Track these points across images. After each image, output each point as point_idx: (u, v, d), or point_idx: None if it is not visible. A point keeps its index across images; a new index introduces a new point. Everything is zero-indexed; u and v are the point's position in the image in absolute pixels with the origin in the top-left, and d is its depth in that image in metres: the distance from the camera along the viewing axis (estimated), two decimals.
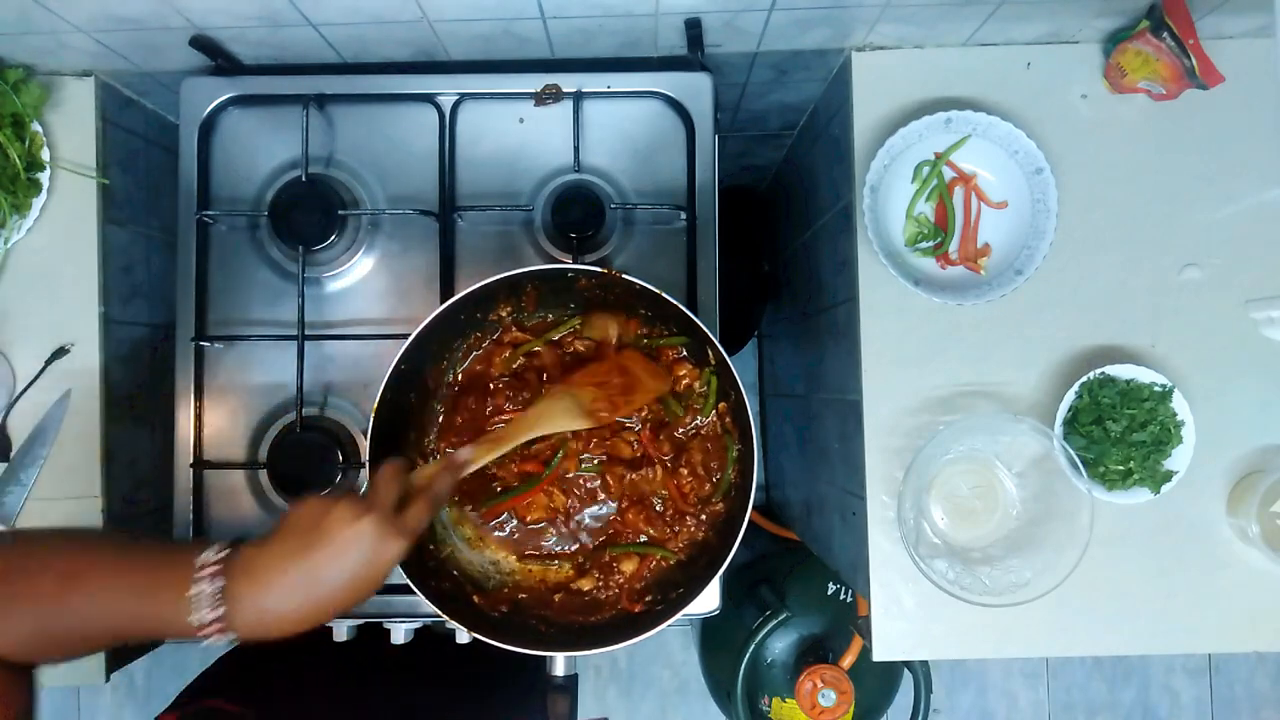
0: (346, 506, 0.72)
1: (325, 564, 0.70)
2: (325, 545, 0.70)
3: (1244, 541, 1.02)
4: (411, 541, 0.74)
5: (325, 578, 0.70)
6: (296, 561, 0.70)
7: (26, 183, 1.04)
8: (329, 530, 0.71)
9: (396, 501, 0.75)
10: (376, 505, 0.73)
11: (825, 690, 1.47)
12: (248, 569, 0.70)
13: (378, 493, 0.75)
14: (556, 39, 1.05)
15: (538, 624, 0.93)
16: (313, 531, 0.71)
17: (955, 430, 0.98)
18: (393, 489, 0.76)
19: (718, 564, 0.90)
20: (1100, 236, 1.04)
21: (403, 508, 0.75)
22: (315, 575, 0.70)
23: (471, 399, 0.99)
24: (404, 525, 0.74)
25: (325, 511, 0.72)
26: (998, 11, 0.98)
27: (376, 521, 0.71)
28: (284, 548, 0.71)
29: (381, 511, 0.73)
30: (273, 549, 0.71)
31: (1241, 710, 2.21)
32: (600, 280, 0.93)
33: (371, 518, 0.71)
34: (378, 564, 0.72)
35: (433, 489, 0.78)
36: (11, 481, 1.05)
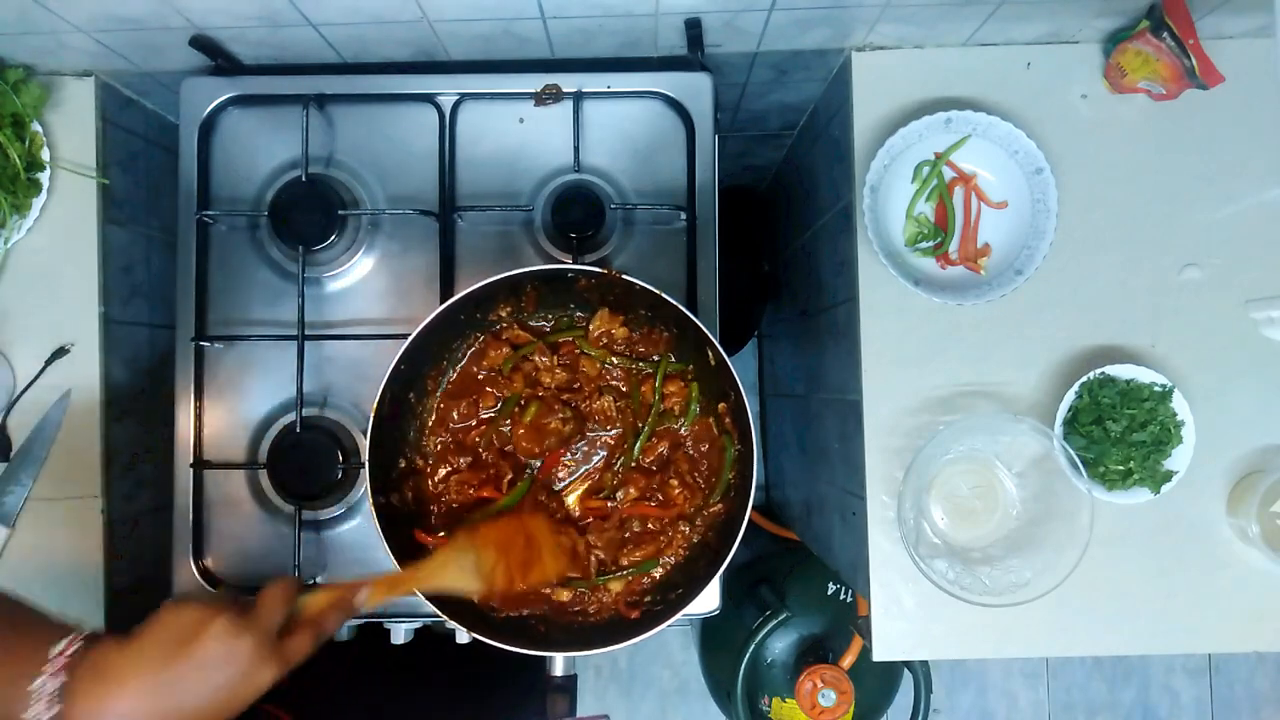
0: (227, 622, 0.67)
1: (187, 678, 0.65)
2: (192, 658, 0.65)
3: (1244, 541, 1.02)
4: (285, 670, 0.69)
5: (183, 693, 0.65)
6: (155, 670, 0.65)
7: (26, 183, 1.04)
8: (201, 642, 0.65)
9: (280, 625, 0.70)
10: (258, 626, 0.68)
11: (825, 690, 1.46)
12: (98, 668, 0.65)
13: (262, 613, 0.70)
14: (556, 39, 1.05)
15: (537, 624, 0.93)
16: (182, 640, 0.66)
17: (955, 430, 0.98)
18: (279, 611, 0.71)
19: (718, 564, 0.90)
20: (1100, 236, 1.04)
21: (285, 633, 0.71)
22: (173, 688, 0.64)
23: (463, 402, 0.99)
24: (284, 652, 0.69)
25: (202, 623, 0.66)
26: (998, 11, 0.98)
27: (255, 644, 0.67)
28: (145, 652, 0.66)
29: (263, 634, 0.68)
30: (131, 650, 0.66)
31: (1241, 710, 2.21)
32: (600, 280, 0.93)
33: (250, 639, 0.67)
34: (245, 689, 0.67)
35: (321, 622, 0.74)
36: (11, 481, 1.05)
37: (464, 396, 0.99)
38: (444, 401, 0.99)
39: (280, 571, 1.03)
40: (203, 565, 1.05)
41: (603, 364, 0.98)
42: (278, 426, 1.05)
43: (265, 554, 1.04)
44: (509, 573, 0.88)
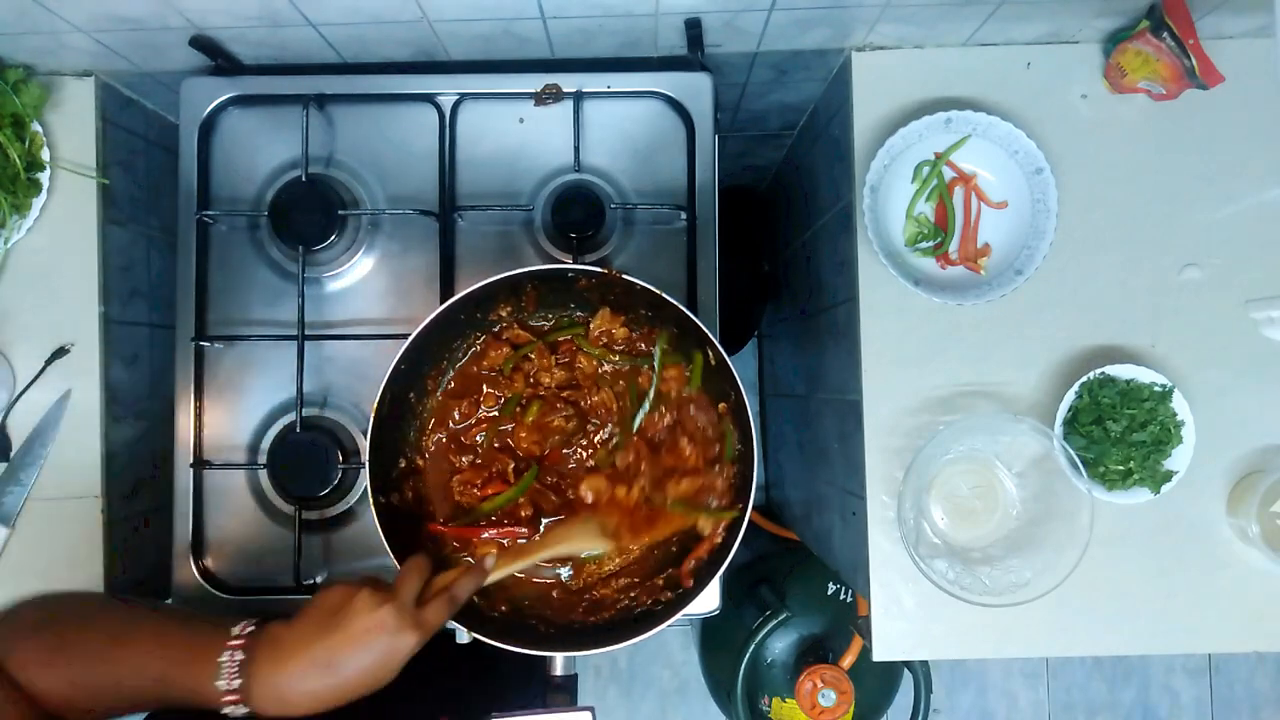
0: (369, 595, 0.76)
1: (342, 649, 0.74)
2: (344, 630, 0.74)
3: (1244, 541, 1.02)
4: (426, 636, 0.77)
5: (341, 662, 0.74)
6: (315, 643, 0.74)
7: (26, 183, 1.04)
8: (350, 616, 0.75)
9: (417, 594, 0.79)
10: (397, 596, 0.77)
11: (825, 690, 1.46)
12: (270, 645, 0.74)
13: (401, 585, 0.78)
14: (556, 39, 1.05)
15: (537, 624, 0.93)
16: (334, 615, 0.75)
17: (955, 430, 0.98)
18: (415, 582, 0.79)
19: (718, 564, 0.90)
20: (1100, 236, 1.04)
21: (423, 602, 0.79)
22: (331, 659, 0.74)
23: (464, 402, 0.99)
24: (422, 619, 0.77)
25: (349, 597, 0.76)
26: (998, 11, 0.98)
27: (396, 612, 0.75)
28: (306, 629, 0.75)
29: (401, 603, 0.76)
30: (295, 629, 0.75)
31: (1241, 710, 2.21)
32: (600, 280, 0.93)
33: (391, 608, 0.75)
34: (392, 654, 0.75)
35: (452, 590, 0.82)
36: (11, 481, 1.05)
37: (464, 396, 0.99)
38: (444, 401, 0.99)
39: (280, 572, 1.03)
40: (203, 565, 1.05)
41: (600, 361, 0.98)
42: (278, 426, 1.05)
43: (265, 554, 1.04)
44: (635, 529, 0.93)
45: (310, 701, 0.74)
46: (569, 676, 0.94)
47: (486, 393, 0.99)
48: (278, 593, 1.03)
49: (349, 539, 1.05)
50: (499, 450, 0.98)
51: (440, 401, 0.99)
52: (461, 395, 0.99)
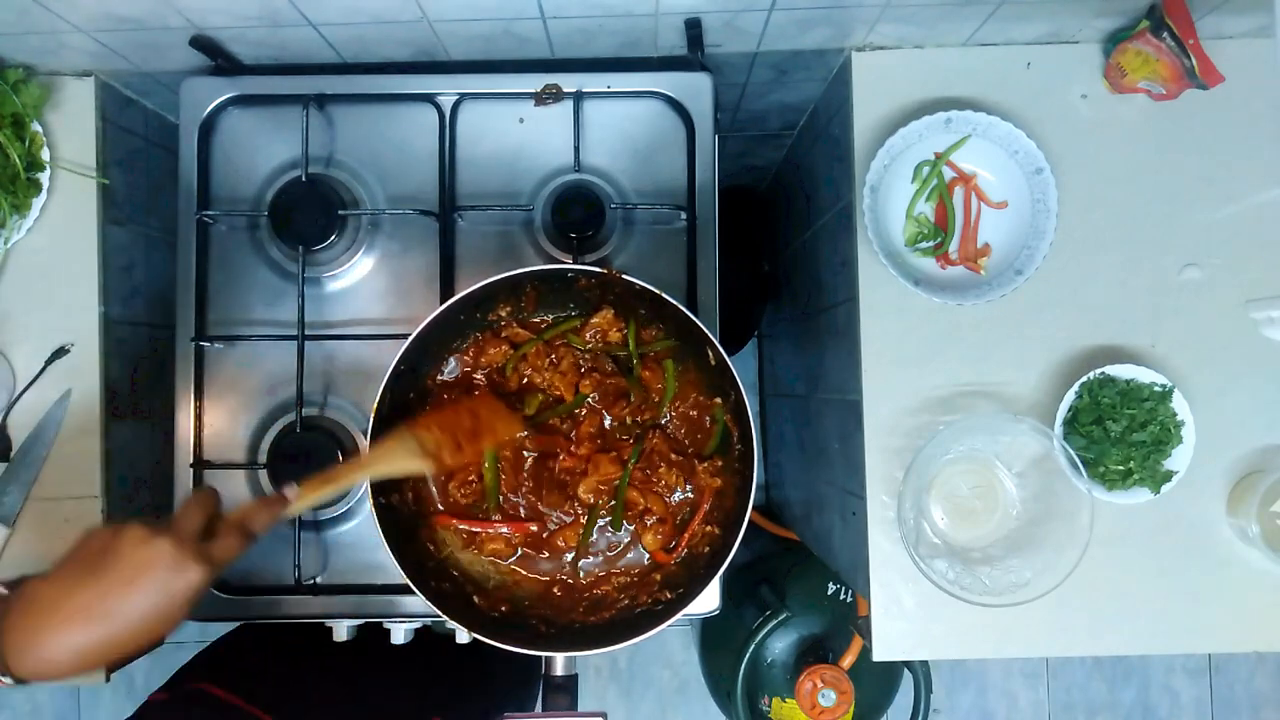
0: (137, 528, 0.67)
1: (112, 593, 0.65)
2: (111, 569, 0.65)
3: (1244, 541, 1.02)
4: (213, 572, 0.69)
5: (111, 609, 0.65)
6: (78, 592, 0.65)
7: (26, 183, 1.04)
8: (118, 553, 0.66)
9: (200, 529, 0.71)
10: (174, 529, 0.68)
11: (825, 690, 1.46)
12: (25, 601, 0.66)
13: (178, 517, 0.71)
14: (556, 39, 1.05)
15: (538, 624, 0.93)
16: (100, 556, 0.66)
17: (955, 430, 0.98)
18: (196, 516, 0.71)
19: (718, 564, 0.90)
20: (1100, 236, 1.04)
21: (209, 537, 0.71)
22: (101, 604, 0.65)
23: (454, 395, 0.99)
24: (205, 553, 0.69)
25: (114, 535, 0.67)
26: (998, 11, 0.98)
27: (173, 545, 0.67)
28: (65, 578, 0.67)
29: (180, 536, 0.68)
30: (53, 580, 0.67)
31: (1241, 710, 2.21)
32: (600, 280, 0.93)
33: (167, 539, 0.67)
34: (173, 592, 0.66)
35: (246, 523, 0.74)
36: (11, 481, 1.05)
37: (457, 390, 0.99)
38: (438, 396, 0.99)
39: (280, 572, 1.03)
40: None
41: (583, 351, 0.98)
42: (278, 426, 1.05)
43: (265, 554, 1.04)
44: (456, 444, 0.88)
45: (76, 659, 0.65)
46: (569, 676, 0.94)
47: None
48: (278, 593, 1.03)
49: (349, 539, 1.05)
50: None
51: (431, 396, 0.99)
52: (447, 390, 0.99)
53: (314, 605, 1.03)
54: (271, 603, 1.03)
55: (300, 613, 1.03)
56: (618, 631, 0.90)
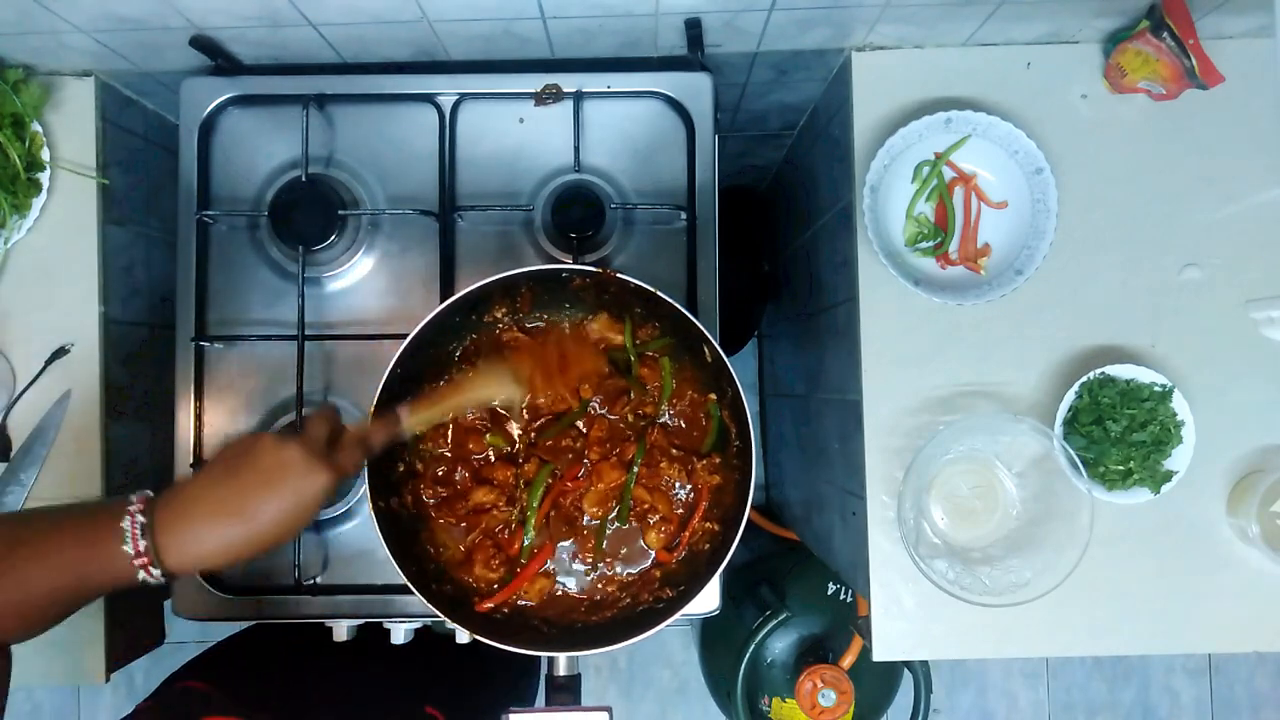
0: (273, 438, 0.73)
1: (251, 491, 0.71)
2: (250, 471, 0.71)
3: (1244, 541, 1.02)
4: (337, 477, 0.75)
5: (250, 506, 0.71)
6: (220, 488, 0.71)
7: (26, 183, 1.04)
8: (254, 456, 0.72)
9: (326, 439, 0.76)
10: (304, 438, 0.74)
11: (825, 690, 1.46)
12: (172, 500, 0.71)
13: (307, 428, 0.77)
14: (556, 39, 1.05)
15: (539, 624, 0.93)
16: (238, 458, 0.72)
17: (955, 430, 0.98)
18: (322, 427, 0.77)
19: (717, 563, 0.90)
20: (1100, 236, 1.04)
21: (334, 447, 0.77)
22: (239, 501, 0.71)
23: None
24: (333, 461, 0.75)
25: (252, 443, 0.73)
26: (998, 11, 0.98)
27: (303, 449, 0.73)
28: (209, 478, 0.73)
29: (309, 444, 0.74)
30: (198, 480, 0.73)
31: (1241, 710, 2.21)
32: (595, 280, 0.93)
33: (298, 445, 0.73)
34: (303, 493, 0.72)
35: (366, 437, 0.80)
36: (11, 481, 1.05)
37: None
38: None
39: (280, 572, 1.03)
40: None
41: None
42: (278, 426, 1.05)
43: (265, 555, 1.04)
44: (549, 373, 0.94)
45: (223, 551, 0.71)
46: (572, 676, 0.94)
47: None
48: (278, 593, 1.03)
49: (349, 539, 1.05)
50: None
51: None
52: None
53: (314, 605, 1.03)
54: (271, 603, 1.03)
55: (300, 613, 1.03)
56: (619, 630, 0.90)
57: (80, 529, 0.71)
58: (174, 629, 1.22)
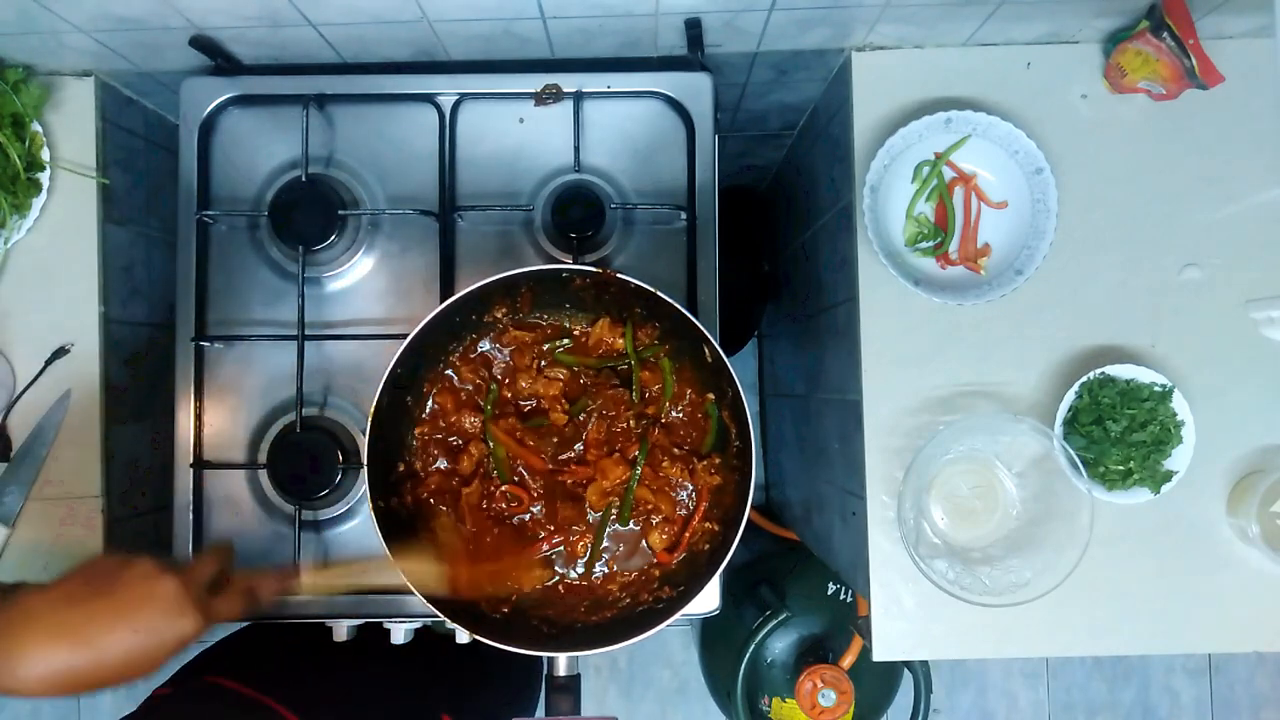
0: (149, 562, 0.66)
1: (102, 620, 0.63)
2: (110, 598, 0.64)
3: (1244, 541, 1.02)
4: (207, 624, 0.68)
5: (98, 637, 0.63)
6: (68, 610, 0.63)
7: (26, 183, 1.04)
8: (123, 582, 0.65)
9: (210, 580, 0.70)
10: (184, 573, 0.67)
11: (825, 690, 1.47)
12: (15, 609, 0.64)
13: (195, 563, 0.70)
14: (556, 39, 1.05)
15: (539, 624, 0.93)
16: (103, 579, 0.65)
17: (955, 430, 0.98)
18: (209, 566, 0.71)
19: (717, 563, 0.90)
20: (1100, 236, 1.04)
21: (215, 591, 0.70)
22: (86, 627, 0.63)
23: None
24: (208, 607, 0.68)
25: (124, 564, 0.66)
26: (998, 11, 0.98)
27: (178, 589, 0.65)
28: (59, 592, 0.65)
29: (188, 580, 0.67)
30: (50, 593, 0.65)
31: (1241, 710, 2.21)
32: (595, 280, 0.93)
33: (173, 582, 0.66)
34: (164, 635, 0.65)
35: (254, 589, 0.73)
36: (11, 481, 1.05)
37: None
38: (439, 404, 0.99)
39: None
40: None
41: (577, 369, 0.98)
42: (278, 426, 1.05)
43: (265, 554, 1.04)
44: (475, 580, 0.89)
45: (50, 682, 0.62)
46: (572, 676, 0.94)
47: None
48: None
49: (349, 539, 1.05)
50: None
51: (435, 405, 0.99)
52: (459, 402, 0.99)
53: (314, 605, 1.03)
54: (272, 603, 1.03)
55: (300, 613, 1.03)
56: (619, 630, 0.90)
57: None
58: None
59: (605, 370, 0.99)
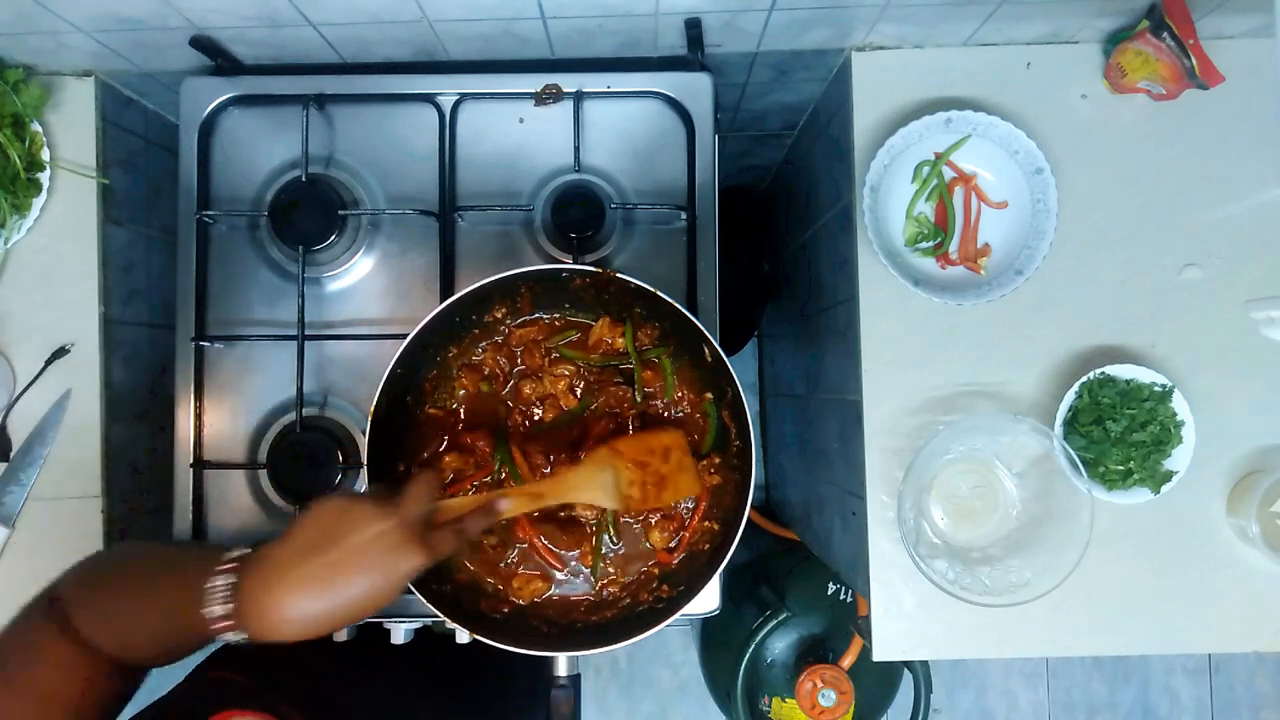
0: (370, 507, 0.70)
1: (341, 566, 0.68)
2: (342, 545, 0.68)
3: (1244, 541, 1.02)
4: (431, 561, 0.71)
5: (339, 581, 0.68)
6: (310, 559, 0.68)
7: (26, 183, 1.04)
8: (348, 529, 0.69)
9: (423, 518, 0.73)
10: (402, 513, 0.71)
11: (825, 690, 1.47)
12: (261, 565, 0.69)
13: (407, 500, 0.73)
14: (556, 39, 1.05)
15: (539, 624, 0.93)
16: (331, 529, 0.69)
17: (955, 430, 0.98)
18: (421, 502, 0.73)
19: (717, 563, 0.90)
20: (1100, 236, 1.04)
21: (429, 527, 0.73)
22: (329, 575, 0.68)
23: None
24: (427, 542, 0.71)
25: (346, 510, 0.70)
26: (998, 11, 0.98)
27: (399, 528, 0.70)
28: (299, 544, 0.69)
29: (406, 520, 0.71)
30: (287, 546, 0.70)
31: (1241, 710, 2.21)
32: (595, 280, 0.93)
33: (395, 523, 0.70)
34: (394, 573, 0.69)
35: (464, 524, 0.76)
36: (11, 481, 1.05)
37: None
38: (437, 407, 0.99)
39: None
40: None
41: (581, 364, 0.98)
42: (278, 426, 1.05)
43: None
44: (644, 490, 0.90)
45: (305, 624, 0.68)
46: (571, 676, 0.94)
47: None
48: None
49: None
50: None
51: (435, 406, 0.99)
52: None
53: None
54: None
55: None
56: (620, 630, 0.90)
57: (179, 580, 0.70)
58: None
59: (609, 369, 0.99)
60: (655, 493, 0.90)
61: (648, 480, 0.90)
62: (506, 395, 0.99)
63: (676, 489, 0.92)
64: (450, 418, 0.98)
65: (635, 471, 0.90)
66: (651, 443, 0.92)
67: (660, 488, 0.91)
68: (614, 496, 0.88)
